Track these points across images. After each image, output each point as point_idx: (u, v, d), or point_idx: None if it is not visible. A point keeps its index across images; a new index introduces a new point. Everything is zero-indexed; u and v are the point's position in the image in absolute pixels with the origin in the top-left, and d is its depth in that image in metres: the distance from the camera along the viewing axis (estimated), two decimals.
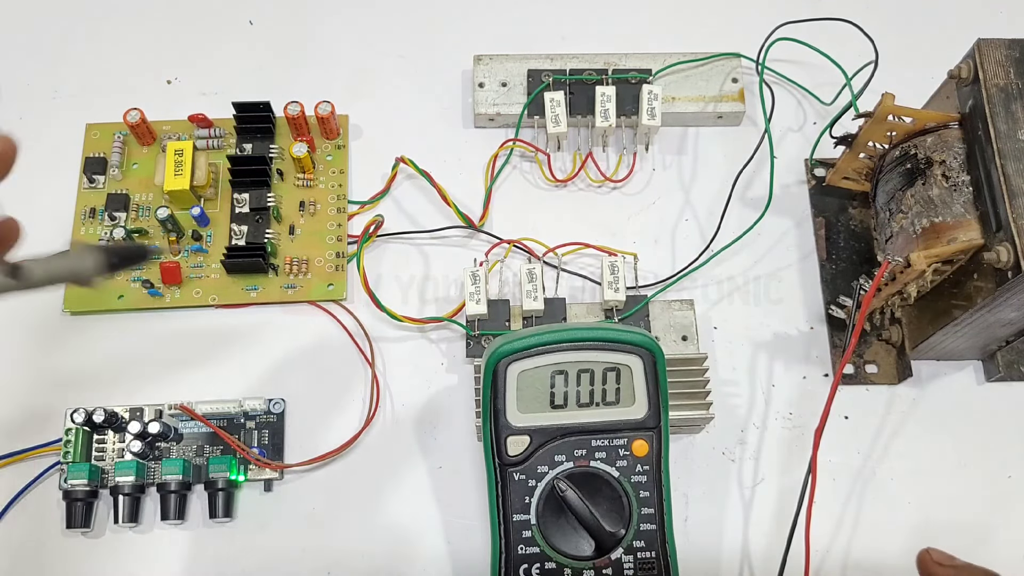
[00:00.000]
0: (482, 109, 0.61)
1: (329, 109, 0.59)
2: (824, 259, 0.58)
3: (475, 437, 0.54)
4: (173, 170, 0.57)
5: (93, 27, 0.65)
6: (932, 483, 0.53)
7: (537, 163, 0.61)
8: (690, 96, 0.62)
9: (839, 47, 0.61)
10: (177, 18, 0.66)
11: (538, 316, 0.55)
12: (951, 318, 0.49)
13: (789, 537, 0.49)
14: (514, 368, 0.45)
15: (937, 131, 0.50)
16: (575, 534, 0.45)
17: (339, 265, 0.57)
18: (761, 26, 0.62)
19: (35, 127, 0.62)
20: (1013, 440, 0.54)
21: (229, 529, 0.51)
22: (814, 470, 0.48)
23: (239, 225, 0.57)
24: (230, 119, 0.60)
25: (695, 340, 0.55)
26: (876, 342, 0.56)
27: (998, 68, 0.47)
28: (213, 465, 0.50)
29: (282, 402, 0.54)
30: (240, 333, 0.56)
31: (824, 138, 0.56)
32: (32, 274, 0.33)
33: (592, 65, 0.61)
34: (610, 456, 0.45)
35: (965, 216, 0.47)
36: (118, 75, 0.64)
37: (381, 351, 0.56)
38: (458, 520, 0.52)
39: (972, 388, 0.56)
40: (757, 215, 0.58)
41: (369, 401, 0.54)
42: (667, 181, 0.61)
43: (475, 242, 0.59)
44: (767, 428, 0.54)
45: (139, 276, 0.56)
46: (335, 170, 0.60)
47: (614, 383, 0.45)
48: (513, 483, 0.45)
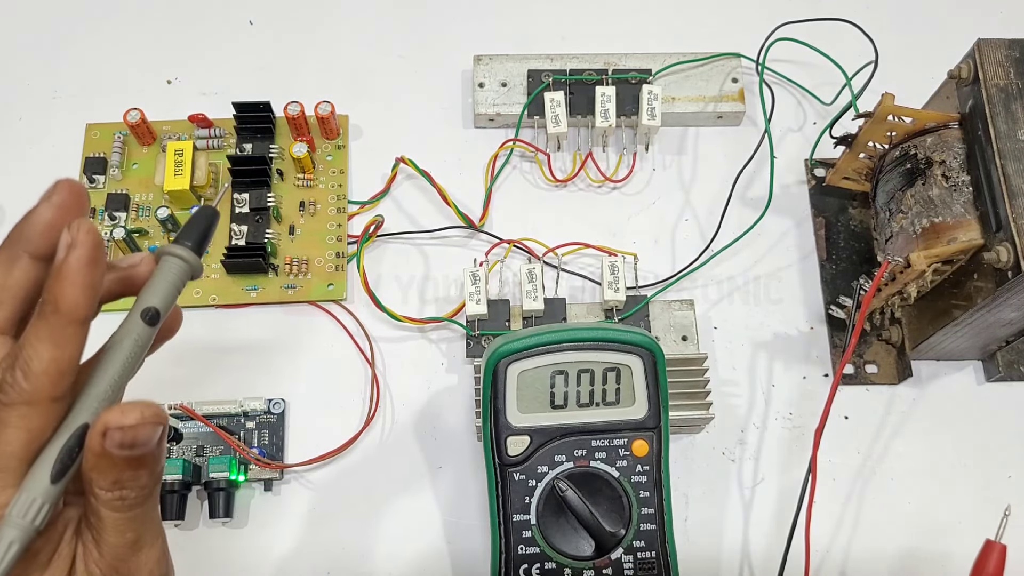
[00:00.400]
0: (482, 109, 0.61)
1: (329, 109, 0.59)
2: (824, 259, 0.58)
3: (475, 437, 0.54)
4: (173, 170, 0.57)
5: (93, 27, 0.65)
6: (932, 483, 0.53)
7: (537, 163, 0.61)
8: (690, 96, 0.62)
9: (839, 47, 0.61)
10: (177, 18, 0.66)
11: (538, 316, 0.55)
12: (951, 318, 0.49)
13: (789, 537, 0.49)
14: (514, 368, 0.45)
15: (937, 131, 0.50)
16: (575, 534, 0.45)
17: (339, 265, 0.57)
18: (761, 26, 0.62)
19: (35, 127, 0.62)
20: (1013, 440, 0.54)
21: (229, 529, 0.51)
22: (814, 470, 0.48)
23: (239, 225, 0.57)
24: (230, 119, 0.60)
25: (695, 340, 0.55)
26: (876, 342, 0.56)
27: (998, 68, 0.47)
28: (213, 465, 0.50)
29: (282, 402, 0.54)
30: (240, 333, 0.56)
31: (824, 138, 0.56)
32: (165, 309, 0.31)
33: (592, 65, 0.61)
34: (610, 456, 0.45)
35: (965, 216, 0.47)
36: (118, 75, 0.64)
37: (381, 351, 0.56)
38: (458, 520, 0.52)
39: (972, 388, 0.56)
40: (757, 215, 0.58)
41: (369, 401, 0.54)
42: (667, 181, 0.61)
43: (475, 242, 0.59)
44: (767, 428, 0.54)
45: None
46: (335, 170, 0.60)
47: (614, 383, 0.45)
48: (513, 483, 0.45)
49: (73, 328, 0.28)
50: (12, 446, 0.28)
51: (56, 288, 0.28)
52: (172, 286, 0.31)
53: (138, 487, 0.30)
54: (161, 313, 0.30)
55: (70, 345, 0.28)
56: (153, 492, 0.31)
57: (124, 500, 0.29)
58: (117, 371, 0.30)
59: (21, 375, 0.28)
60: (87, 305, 0.28)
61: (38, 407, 0.28)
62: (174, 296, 0.31)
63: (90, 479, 0.29)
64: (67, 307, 0.28)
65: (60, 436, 0.29)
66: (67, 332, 0.28)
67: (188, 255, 0.31)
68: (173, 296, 0.31)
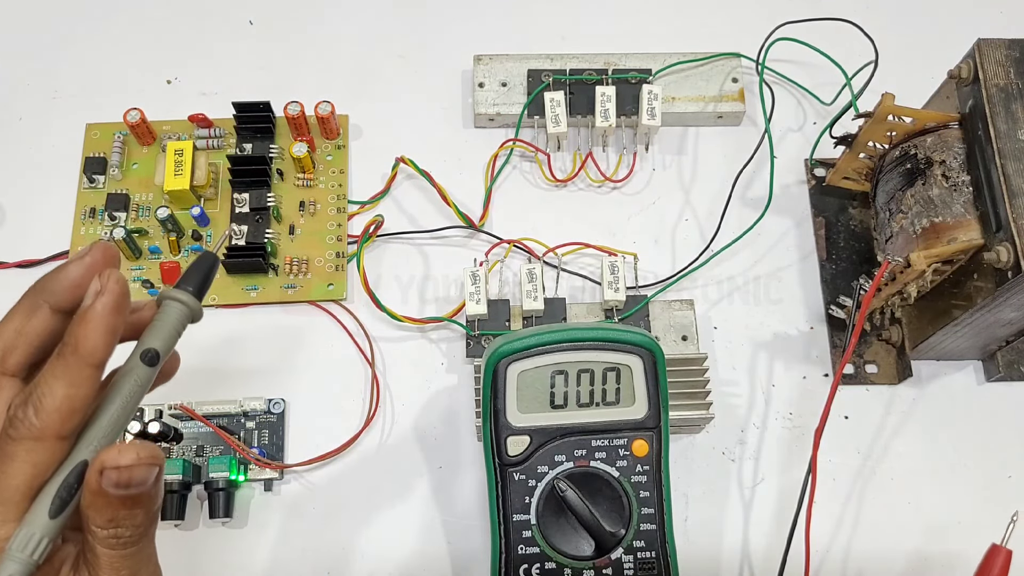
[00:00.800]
0: (482, 109, 0.61)
1: (329, 109, 0.59)
2: (824, 259, 0.58)
3: (475, 437, 0.54)
4: (173, 170, 0.57)
5: (93, 27, 0.65)
6: (932, 483, 0.53)
7: (537, 163, 0.61)
8: (690, 96, 0.62)
9: (839, 47, 0.61)
10: (177, 18, 0.66)
11: (538, 316, 0.55)
12: (951, 318, 0.49)
13: (789, 537, 0.49)
14: (514, 368, 0.45)
15: (937, 131, 0.50)
16: (575, 534, 0.45)
17: (339, 265, 0.57)
18: (761, 26, 0.62)
19: (35, 127, 0.62)
20: (1013, 440, 0.54)
21: (229, 529, 0.51)
22: (814, 470, 0.48)
23: (239, 225, 0.57)
24: (230, 119, 0.60)
25: (695, 340, 0.55)
26: (876, 342, 0.56)
27: (998, 68, 0.47)
28: (213, 465, 0.50)
29: (282, 402, 0.54)
30: (240, 333, 0.56)
31: (824, 138, 0.56)
32: (165, 352, 0.32)
33: (592, 65, 0.61)
34: (610, 456, 0.45)
35: (965, 216, 0.47)
36: (118, 75, 0.64)
37: (381, 351, 0.56)
38: (458, 520, 0.52)
39: (972, 388, 0.56)
40: (757, 215, 0.58)
41: (369, 401, 0.54)
42: (667, 181, 0.61)
43: (475, 242, 0.59)
44: (767, 428, 0.54)
45: (139, 276, 0.56)
46: (335, 170, 0.60)
47: (614, 383, 0.45)
48: (513, 483, 0.45)
49: (89, 370, 0.29)
50: (16, 480, 0.29)
51: (79, 330, 0.29)
52: (172, 329, 0.32)
53: (133, 526, 0.30)
54: (161, 355, 0.32)
55: (84, 386, 0.29)
56: (149, 531, 0.32)
57: (119, 538, 0.30)
58: (117, 410, 0.31)
59: (32, 411, 0.29)
60: (105, 349, 0.29)
61: (44, 443, 0.29)
62: (174, 339, 0.32)
63: (87, 516, 0.30)
64: (86, 349, 0.29)
65: (61, 472, 0.30)
66: (83, 373, 0.29)
67: (189, 299, 0.32)
68: (174, 339, 0.32)
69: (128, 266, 0.57)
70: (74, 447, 0.30)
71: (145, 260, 0.57)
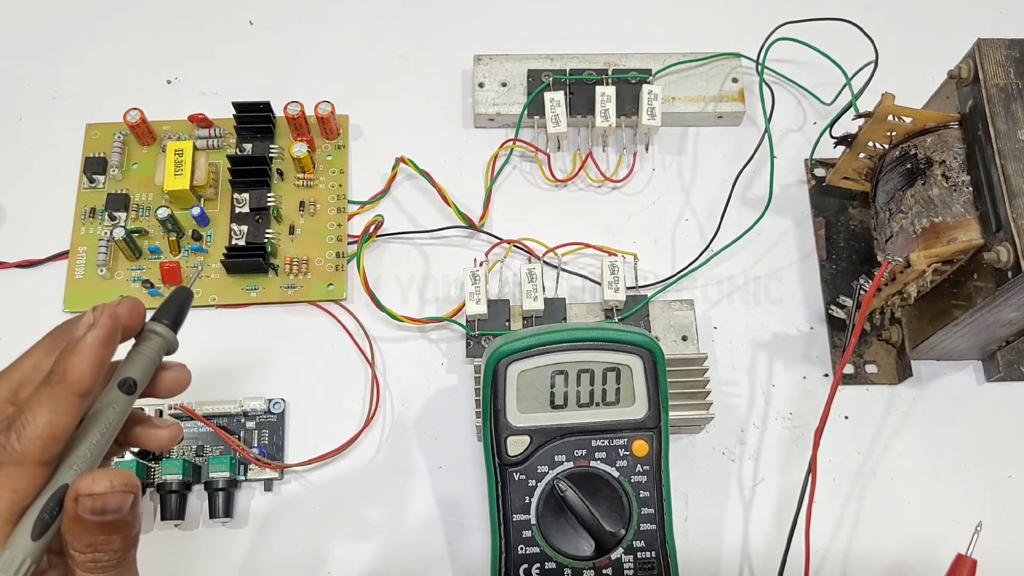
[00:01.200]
0: (482, 109, 0.61)
1: (329, 109, 0.59)
2: (824, 259, 0.58)
3: (475, 437, 0.54)
4: (173, 170, 0.57)
5: (93, 27, 0.65)
6: (932, 483, 0.53)
7: (537, 163, 0.61)
8: (690, 96, 0.62)
9: (839, 47, 0.61)
10: (177, 18, 0.66)
11: (538, 316, 0.55)
12: (951, 318, 0.49)
13: (789, 537, 0.49)
14: (514, 368, 0.45)
15: (937, 131, 0.50)
16: (575, 534, 0.45)
17: (339, 265, 0.57)
18: (761, 26, 0.62)
19: (35, 127, 0.62)
20: (1013, 440, 0.54)
21: (229, 529, 0.51)
22: (814, 470, 0.48)
23: (239, 225, 0.57)
24: (230, 119, 0.60)
25: (695, 340, 0.55)
26: (876, 342, 0.56)
27: (998, 68, 0.47)
28: (213, 465, 0.50)
29: (282, 402, 0.54)
30: (240, 333, 0.56)
31: (824, 138, 0.56)
32: (142, 381, 0.33)
33: (592, 65, 0.61)
34: (610, 456, 0.45)
35: (965, 216, 0.47)
36: (118, 75, 0.64)
37: (381, 351, 0.56)
38: (458, 520, 0.52)
39: (972, 388, 0.56)
40: (757, 215, 0.58)
41: (369, 401, 0.54)
42: (667, 181, 0.61)
43: (475, 242, 0.59)
44: (767, 428, 0.54)
45: (139, 276, 0.56)
46: (335, 170, 0.60)
47: (614, 383, 0.45)
48: (513, 483, 0.45)
49: (74, 399, 0.30)
50: None
51: (68, 360, 0.30)
52: (149, 360, 0.34)
53: (111, 551, 0.31)
54: (138, 384, 0.33)
55: (67, 414, 0.30)
56: (127, 555, 0.32)
57: (97, 563, 0.31)
58: (97, 436, 0.32)
59: (15, 436, 0.29)
60: (91, 379, 0.30)
61: (25, 468, 0.30)
62: (151, 369, 0.34)
63: (67, 540, 0.30)
64: (73, 378, 0.30)
65: (43, 496, 0.30)
66: (67, 402, 0.30)
67: (164, 331, 0.34)
68: (150, 369, 0.34)
69: (128, 266, 0.57)
70: (56, 471, 0.31)
71: (145, 260, 0.57)
